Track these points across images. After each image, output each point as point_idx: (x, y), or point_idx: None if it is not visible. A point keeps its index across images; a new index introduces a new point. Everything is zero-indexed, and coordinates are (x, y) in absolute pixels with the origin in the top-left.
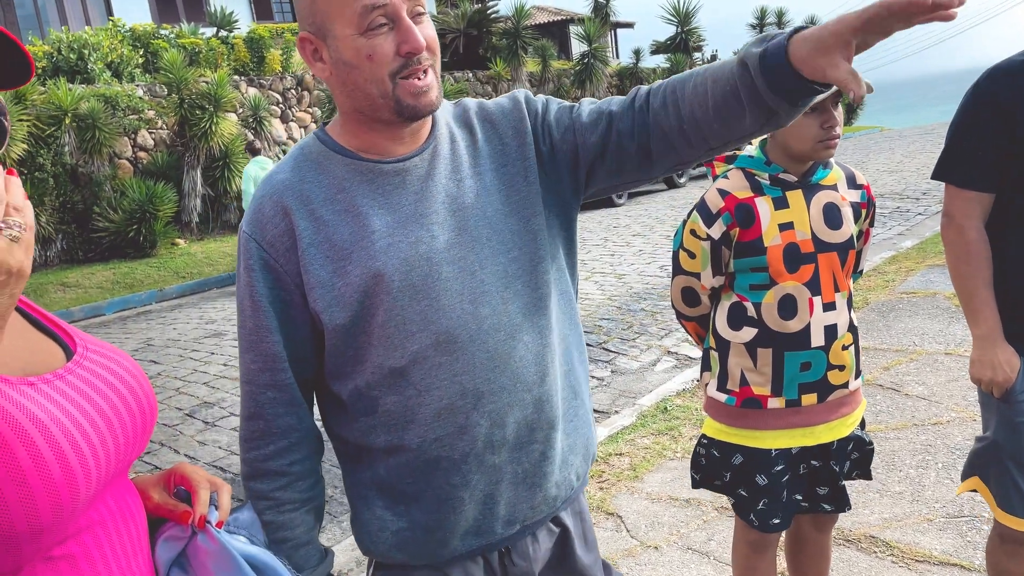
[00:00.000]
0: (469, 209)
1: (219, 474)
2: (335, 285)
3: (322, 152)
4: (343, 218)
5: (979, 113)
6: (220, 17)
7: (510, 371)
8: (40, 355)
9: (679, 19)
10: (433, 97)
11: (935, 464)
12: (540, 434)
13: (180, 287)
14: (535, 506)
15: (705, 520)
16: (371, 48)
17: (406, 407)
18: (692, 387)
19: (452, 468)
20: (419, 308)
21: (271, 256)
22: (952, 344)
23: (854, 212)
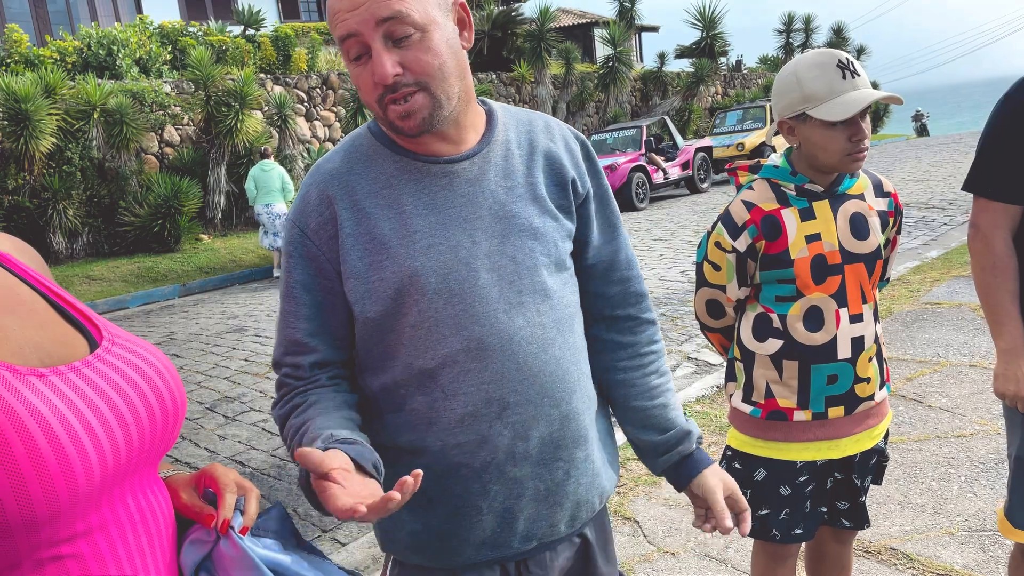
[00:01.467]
0: (515, 218)
1: (238, 468)
2: (369, 278)
3: (373, 146)
4: (386, 213)
5: (1009, 124)
6: (248, 15)
7: (539, 384)
8: (62, 346)
9: (704, 24)
10: (419, 120)
11: (958, 477)
12: (565, 452)
13: (203, 282)
14: (554, 524)
15: None
16: (357, 77)
17: (432, 409)
18: (712, 393)
19: (472, 476)
20: (453, 312)
21: (314, 244)
22: (977, 356)
23: (881, 221)
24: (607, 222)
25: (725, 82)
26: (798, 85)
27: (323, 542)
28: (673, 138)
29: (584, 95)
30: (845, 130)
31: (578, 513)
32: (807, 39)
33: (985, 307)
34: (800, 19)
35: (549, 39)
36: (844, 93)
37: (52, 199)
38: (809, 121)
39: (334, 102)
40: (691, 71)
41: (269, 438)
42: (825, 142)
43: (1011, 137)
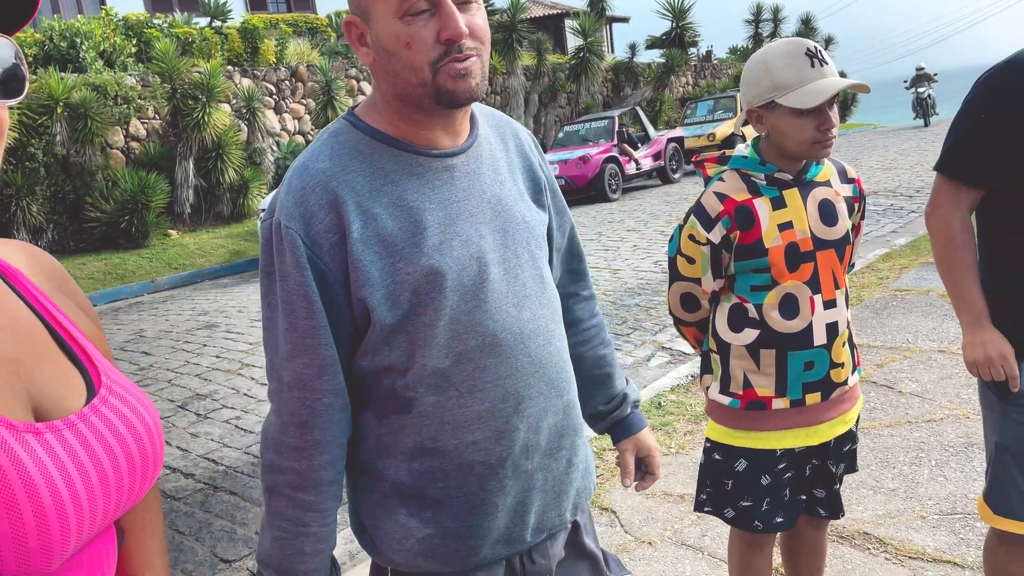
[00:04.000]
0: (510, 211)
1: (212, 466)
2: (385, 283)
3: (361, 140)
4: (391, 212)
5: (979, 110)
6: (214, 7)
7: (547, 376)
8: (59, 389)
9: (674, 14)
10: (473, 84)
11: (928, 461)
12: (567, 440)
13: (172, 278)
14: (562, 513)
15: (699, 516)
16: (409, 35)
17: (445, 408)
18: (686, 383)
19: (488, 473)
20: (467, 309)
21: (315, 253)
22: (946, 342)
23: (847, 206)
24: (558, 209)
25: (696, 72)
26: (767, 74)
27: None
28: (645, 129)
29: (556, 86)
30: (813, 118)
31: (579, 500)
32: (776, 29)
33: (946, 281)
34: (769, 9)
35: (520, 30)
36: (813, 81)
37: (15, 196)
38: (778, 109)
39: (304, 94)
40: (662, 62)
41: (242, 435)
42: (793, 130)
43: (980, 121)
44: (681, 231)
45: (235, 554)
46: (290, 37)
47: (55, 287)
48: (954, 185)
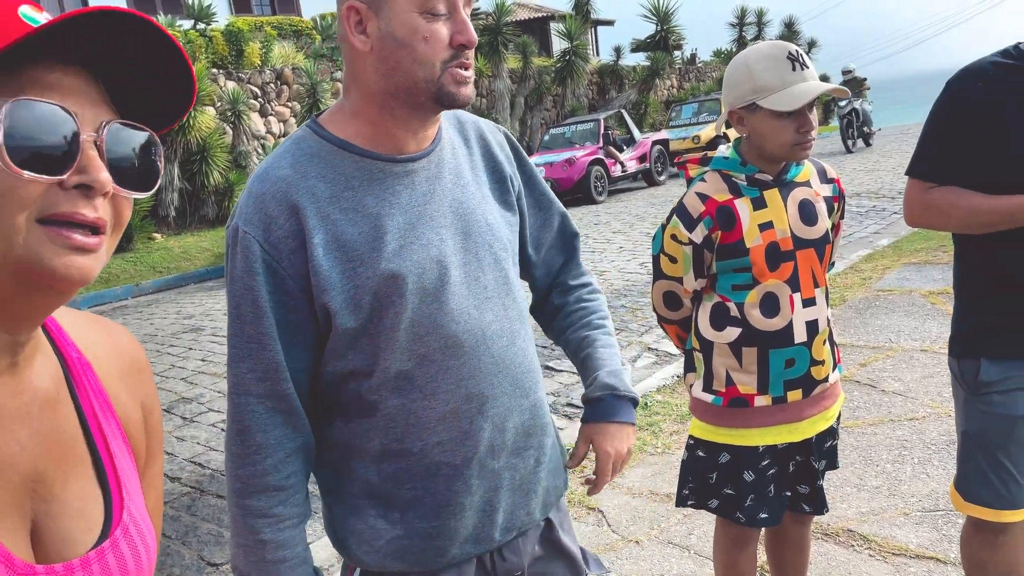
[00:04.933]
0: (472, 214)
1: (198, 470)
2: (346, 288)
3: (324, 147)
4: (351, 217)
5: (949, 112)
6: (198, 9)
7: (511, 376)
8: (72, 519)
9: (659, 17)
10: (471, 92)
11: (911, 459)
12: (535, 439)
13: (157, 282)
14: (531, 512)
15: (685, 514)
16: (429, 31)
17: (409, 411)
18: (672, 383)
19: (454, 474)
20: (428, 311)
21: (273, 258)
22: (928, 341)
23: (827, 206)
24: (540, 205)
25: (680, 75)
26: (749, 76)
27: None
28: (630, 131)
29: (542, 89)
30: (793, 121)
31: (548, 499)
32: (759, 33)
33: (986, 224)
34: (753, 13)
35: (506, 33)
36: (794, 84)
37: None
38: (759, 111)
39: (289, 97)
40: (647, 64)
41: None
42: (774, 132)
43: (950, 124)
44: (664, 231)
45: (222, 557)
46: (275, 40)
47: (125, 384)
48: (926, 186)
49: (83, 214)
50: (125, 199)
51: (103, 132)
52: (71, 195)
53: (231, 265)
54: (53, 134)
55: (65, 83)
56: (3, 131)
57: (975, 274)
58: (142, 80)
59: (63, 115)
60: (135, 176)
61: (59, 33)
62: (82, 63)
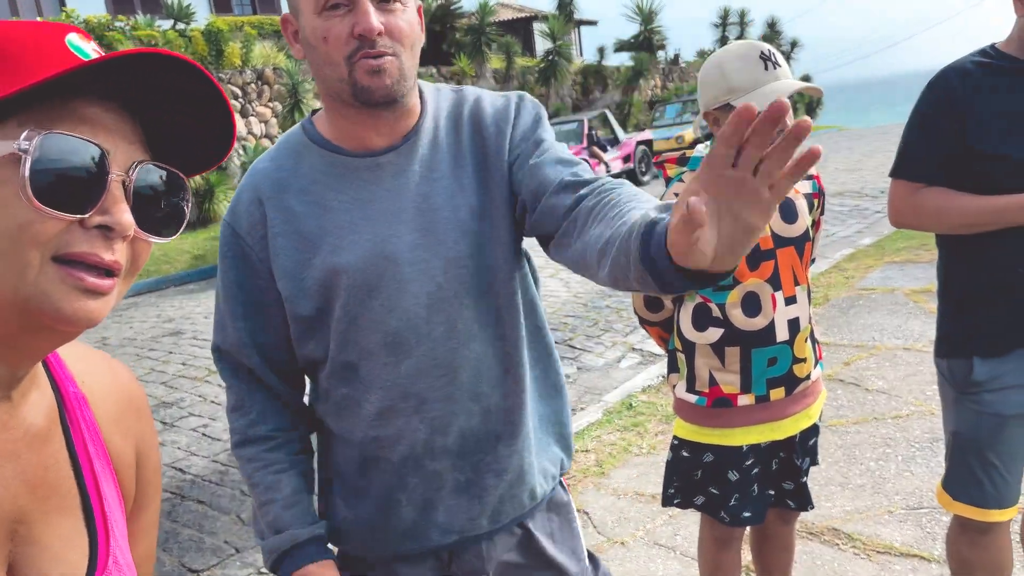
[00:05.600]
0: (439, 211)
1: (179, 475)
2: (299, 276)
3: (302, 142)
4: (312, 210)
5: (931, 112)
6: (177, 9)
7: (458, 380)
8: (53, 563)
9: (642, 17)
10: (388, 82)
11: (895, 457)
12: (487, 445)
13: (137, 285)
14: (474, 518)
15: (671, 515)
16: (326, 29)
17: (353, 400)
18: (657, 383)
19: (390, 469)
20: (372, 306)
21: (247, 244)
22: (911, 339)
23: (807, 203)
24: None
25: (664, 75)
26: (723, 77)
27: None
28: (614, 131)
29: (525, 89)
30: None
31: (502, 509)
32: (742, 33)
33: (975, 225)
34: (735, 13)
35: (489, 33)
36: (766, 84)
37: None
38: (715, 113)
39: (270, 97)
40: (630, 65)
41: (210, 443)
42: None
43: (932, 123)
44: None
45: (203, 564)
46: (256, 40)
47: (121, 423)
48: (912, 186)
49: (100, 256)
50: (144, 243)
51: (133, 172)
52: (91, 235)
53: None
54: (81, 170)
55: (102, 119)
56: (30, 163)
57: (962, 273)
58: (179, 122)
59: (95, 151)
60: (159, 220)
61: (105, 69)
62: (122, 101)
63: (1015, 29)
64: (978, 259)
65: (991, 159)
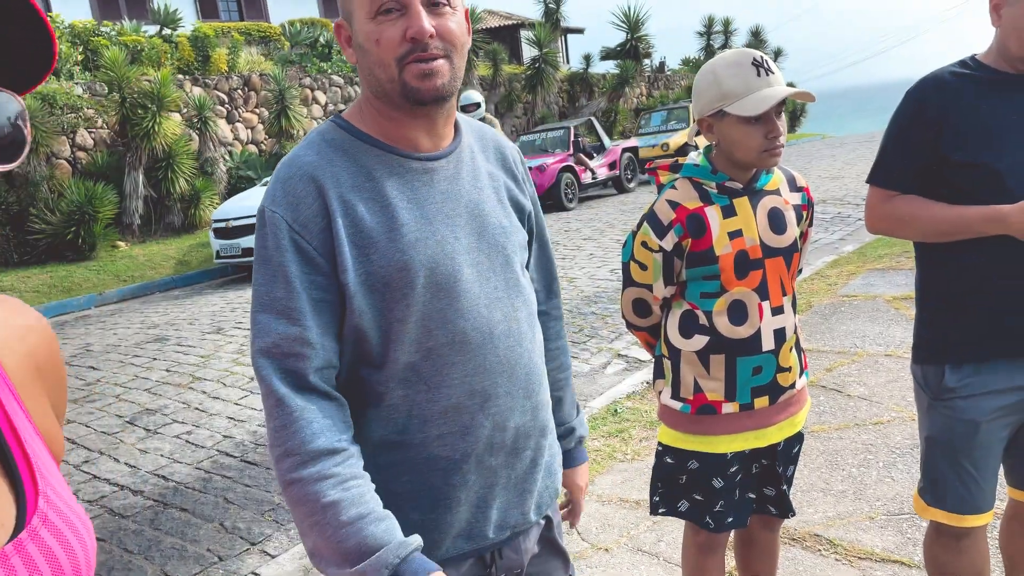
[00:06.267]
0: (488, 217)
1: (162, 483)
2: (359, 271)
3: (346, 139)
4: (370, 207)
5: (908, 120)
6: (164, 15)
7: (515, 377)
8: None
9: (629, 25)
10: (439, 83)
11: (876, 463)
12: (533, 440)
13: (120, 291)
14: (525, 512)
15: (655, 521)
16: (379, 33)
17: (413, 402)
18: (642, 390)
19: (452, 468)
20: (439, 306)
21: (303, 238)
22: (892, 346)
23: (796, 215)
24: (540, 229)
25: (649, 83)
26: (716, 83)
27: (252, 555)
28: (600, 139)
29: (512, 96)
30: (761, 126)
31: (543, 499)
32: (727, 41)
33: (946, 234)
34: (720, 22)
35: (476, 40)
36: (759, 90)
37: None
38: (727, 118)
39: (257, 103)
40: (616, 72)
41: (193, 450)
42: (742, 138)
43: (909, 132)
44: (634, 238)
45: (186, 572)
46: (242, 46)
47: (29, 363)
48: (887, 193)
49: None
50: None
51: None
52: None
53: (261, 245)
54: None
55: None
56: None
57: (938, 280)
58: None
59: None
60: None
61: None
62: None
63: (994, 41)
64: (955, 267)
65: (967, 168)
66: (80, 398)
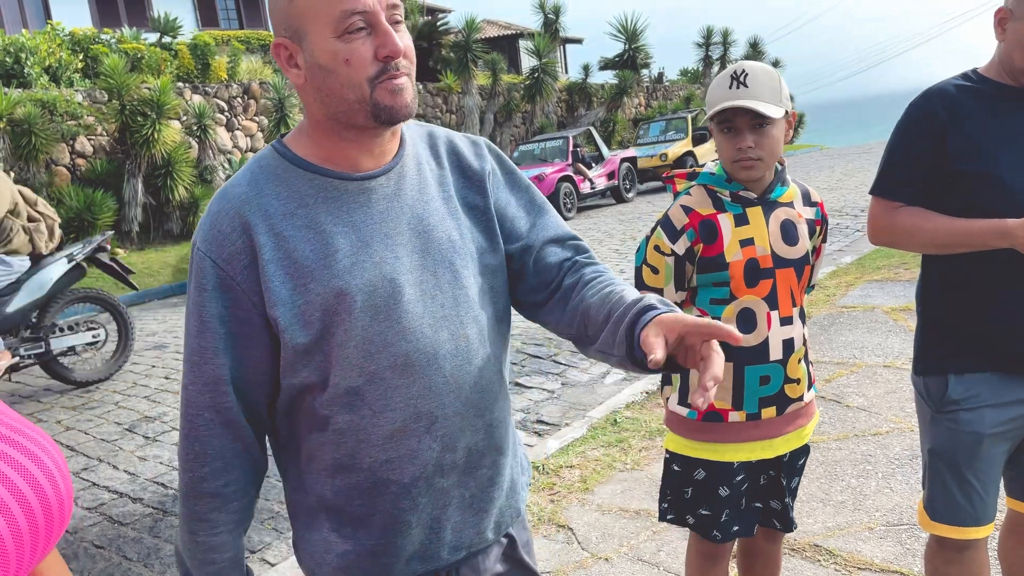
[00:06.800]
0: (433, 231)
1: (161, 490)
2: (296, 303)
3: (281, 165)
4: (304, 234)
5: (912, 132)
6: (164, 23)
7: (464, 396)
8: None
9: (627, 36)
10: (408, 99)
11: (875, 474)
12: (488, 459)
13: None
14: (481, 532)
15: (655, 531)
16: (349, 52)
17: (359, 427)
18: (642, 399)
19: (401, 491)
20: (379, 329)
21: (227, 274)
22: (890, 356)
23: (809, 229)
24: (528, 202)
25: (648, 94)
26: (708, 94)
27: (251, 563)
28: (599, 148)
29: (511, 106)
30: (732, 138)
31: (502, 519)
32: (725, 52)
33: (951, 246)
34: (718, 33)
35: (475, 50)
36: (724, 101)
37: None
38: (711, 127)
39: (256, 112)
40: (615, 83)
41: None
42: (720, 148)
43: (914, 143)
44: (647, 242)
45: None
46: (242, 54)
47: None
48: (891, 205)
49: None
50: None
51: None
52: None
53: (188, 283)
54: None
55: None
56: None
57: (941, 291)
58: None
59: None
60: None
61: None
62: None
63: (996, 54)
64: (960, 279)
65: (972, 178)
66: (79, 405)
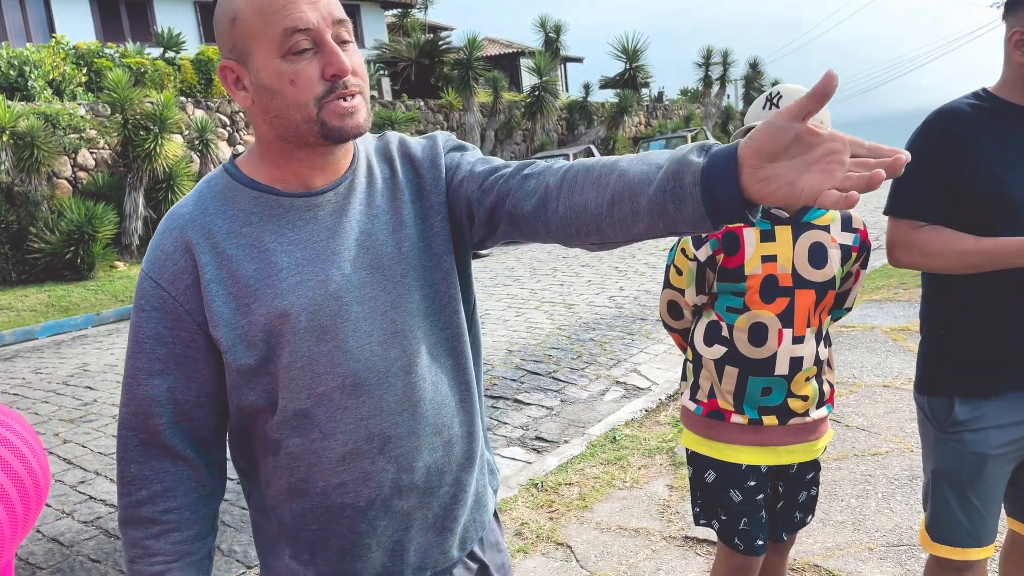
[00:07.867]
0: (383, 245)
1: None
2: (239, 323)
3: (228, 185)
4: (248, 253)
5: (929, 150)
6: (167, 37)
7: (419, 414)
8: None
9: (627, 56)
10: (360, 120)
11: (875, 494)
12: (449, 477)
13: (118, 311)
14: (446, 551)
15: (654, 549)
16: (294, 72)
17: (310, 450)
18: (641, 417)
19: (357, 515)
20: (326, 349)
21: (170, 295)
22: (890, 376)
23: (843, 254)
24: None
25: (648, 113)
26: (746, 116)
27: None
28: None
29: (512, 123)
30: None
31: (467, 535)
32: (725, 72)
33: (980, 265)
34: (718, 53)
35: (477, 68)
36: (757, 120)
37: None
38: None
39: None
40: (615, 101)
41: None
42: None
43: (928, 162)
44: (678, 243)
45: None
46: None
47: None
48: (912, 224)
49: None
50: None
51: None
52: None
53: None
54: None
55: None
56: None
57: (946, 312)
58: None
59: None
60: None
61: None
62: None
63: (1006, 73)
64: (965, 299)
65: (987, 198)
66: (77, 418)
